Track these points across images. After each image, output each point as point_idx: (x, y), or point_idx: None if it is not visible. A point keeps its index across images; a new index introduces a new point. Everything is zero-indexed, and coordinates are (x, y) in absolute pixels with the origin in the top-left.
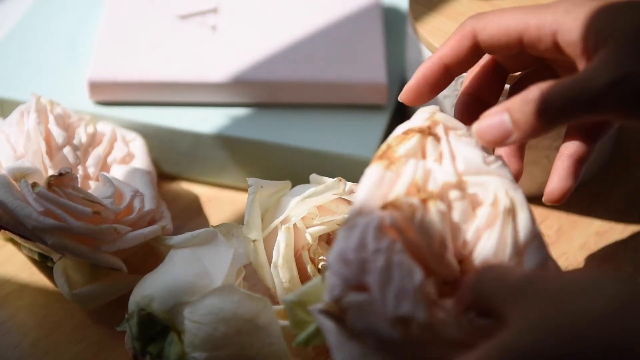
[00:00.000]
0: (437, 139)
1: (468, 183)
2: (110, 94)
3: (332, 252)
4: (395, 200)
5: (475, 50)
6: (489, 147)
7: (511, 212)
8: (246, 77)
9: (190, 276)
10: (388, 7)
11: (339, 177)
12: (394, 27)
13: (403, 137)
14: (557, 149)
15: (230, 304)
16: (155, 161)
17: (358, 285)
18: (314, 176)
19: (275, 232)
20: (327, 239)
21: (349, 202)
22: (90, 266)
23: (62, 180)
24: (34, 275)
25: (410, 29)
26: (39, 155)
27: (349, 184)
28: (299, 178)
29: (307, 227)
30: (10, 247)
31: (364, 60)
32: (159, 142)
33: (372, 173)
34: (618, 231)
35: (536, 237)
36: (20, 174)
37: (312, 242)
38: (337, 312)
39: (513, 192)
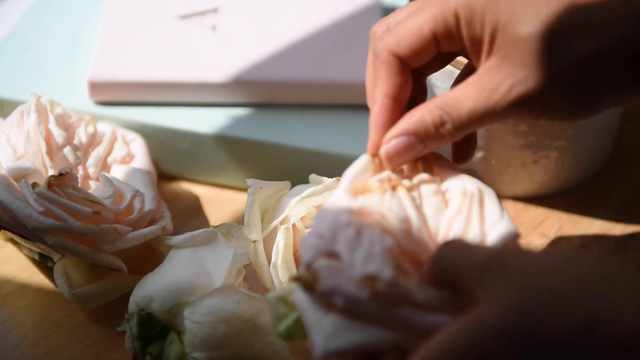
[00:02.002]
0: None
1: (440, 180)
2: (110, 94)
3: (308, 231)
4: (365, 185)
5: (407, 69)
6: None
7: (477, 198)
8: (246, 77)
9: (190, 276)
10: (388, 7)
11: (338, 177)
12: None
13: None
14: (557, 148)
15: (230, 304)
16: (155, 161)
17: (329, 254)
18: (313, 176)
19: (274, 232)
20: None
21: None
22: (90, 266)
23: (62, 180)
24: (34, 276)
25: None
26: (39, 155)
27: None
28: (298, 178)
29: (306, 227)
30: (10, 247)
31: (363, 60)
32: (159, 142)
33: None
34: (618, 231)
35: (504, 218)
36: (21, 174)
37: None
38: (309, 279)
39: (483, 187)
